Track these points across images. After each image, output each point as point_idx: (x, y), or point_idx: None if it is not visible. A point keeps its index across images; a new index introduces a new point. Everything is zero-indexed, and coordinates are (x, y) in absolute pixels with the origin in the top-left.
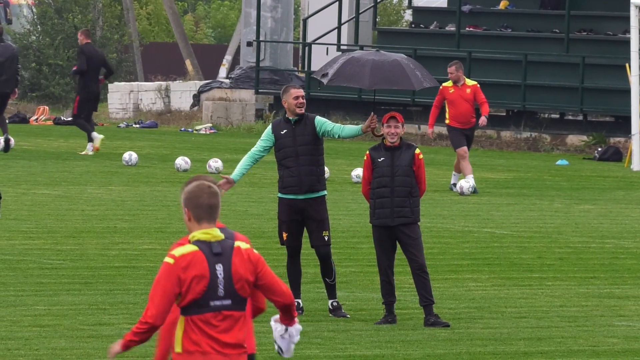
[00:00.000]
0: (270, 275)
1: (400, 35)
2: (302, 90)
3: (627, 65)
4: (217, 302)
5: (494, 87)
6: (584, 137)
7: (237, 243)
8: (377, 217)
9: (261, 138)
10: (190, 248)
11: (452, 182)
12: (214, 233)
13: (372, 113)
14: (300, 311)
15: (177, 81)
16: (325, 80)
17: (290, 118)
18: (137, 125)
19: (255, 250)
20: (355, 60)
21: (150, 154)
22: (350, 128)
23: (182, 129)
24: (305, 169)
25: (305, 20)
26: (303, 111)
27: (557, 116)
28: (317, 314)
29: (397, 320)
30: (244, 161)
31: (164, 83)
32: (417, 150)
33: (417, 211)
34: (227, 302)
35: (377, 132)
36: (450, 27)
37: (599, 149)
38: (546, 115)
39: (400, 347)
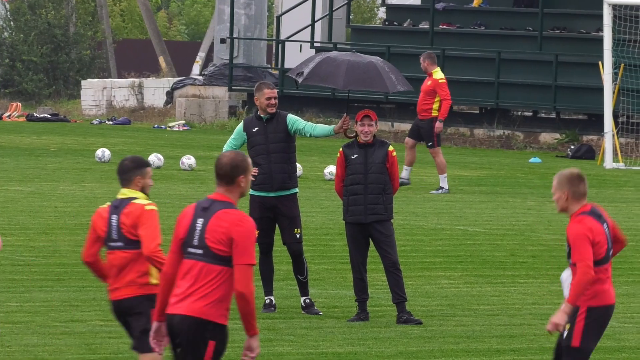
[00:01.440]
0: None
1: (373, 33)
2: (275, 91)
3: (600, 63)
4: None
5: (468, 84)
6: (557, 135)
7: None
8: (351, 214)
9: (232, 136)
10: None
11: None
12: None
13: (345, 114)
14: (272, 308)
15: (151, 78)
16: (300, 80)
17: (262, 116)
18: (110, 122)
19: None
20: (331, 60)
21: (123, 150)
22: (322, 128)
23: (155, 125)
24: (277, 166)
25: (278, 18)
26: (274, 110)
27: (530, 114)
28: (289, 311)
29: (369, 317)
30: None
31: (137, 80)
32: (391, 148)
33: (391, 208)
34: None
35: (350, 134)
36: (424, 25)
37: (572, 147)
38: (519, 113)
39: (372, 344)
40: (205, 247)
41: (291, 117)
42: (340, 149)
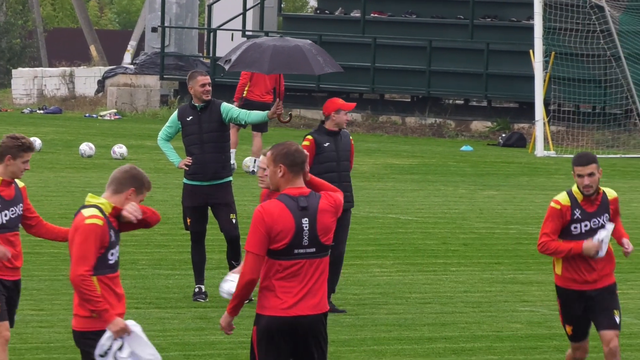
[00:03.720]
0: None
1: (305, 21)
2: (208, 77)
3: (530, 51)
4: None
5: (399, 73)
6: (488, 123)
7: None
8: None
9: (167, 124)
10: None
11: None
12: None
13: (278, 99)
14: (203, 296)
15: (82, 67)
16: (227, 67)
17: (197, 105)
18: (41, 111)
19: None
20: (257, 46)
21: (54, 139)
22: (256, 114)
23: (87, 114)
24: (211, 156)
25: (210, 6)
26: (209, 97)
27: (462, 102)
28: (221, 300)
29: None
30: (166, 146)
31: (68, 69)
32: (351, 136)
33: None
34: None
35: (284, 119)
36: (355, 13)
37: (503, 135)
38: (451, 102)
39: None
40: (318, 243)
41: (225, 106)
42: (310, 136)
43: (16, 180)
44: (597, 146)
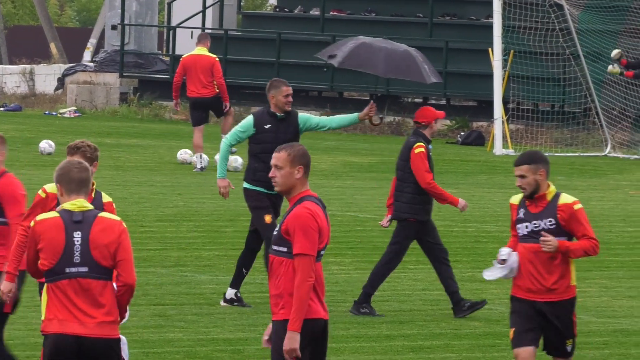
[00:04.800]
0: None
1: (264, 19)
2: (291, 88)
3: (489, 49)
4: (73, 269)
5: (358, 71)
6: (447, 122)
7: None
8: None
9: (239, 129)
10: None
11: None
12: (79, 204)
13: (372, 101)
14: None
15: (42, 64)
16: (335, 62)
17: (277, 114)
18: (1, 109)
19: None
20: (367, 46)
21: (14, 137)
22: (341, 118)
23: (47, 112)
24: None
25: (169, 4)
26: (290, 108)
27: (421, 100)
28: (180, 297)
29: (254, 304)
30: (227, 154)
31: (28, 66)
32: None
33: None
34: (84, 269)
35: (376, 122)
36: (315, 11)
37: (462, 133)
38: (410, 100)
39: (263, 330)
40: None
41: (302, 116)
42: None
43: None
44: (556, 144)
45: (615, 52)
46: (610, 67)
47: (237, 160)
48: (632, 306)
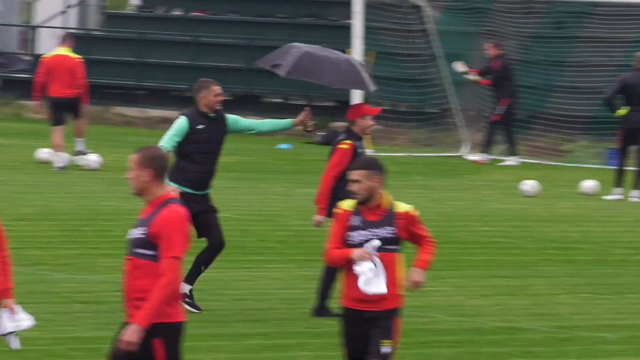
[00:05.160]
0: None
1: (127, 19)
2: (220, 88)
3: (349, 50)
4: None
5: (220, 71)
6: None
7: None
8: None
9: (173, 133)
10: None
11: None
12: None
13: (307, 108)
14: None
15: None
16: (282, 72)
17: (209, 115)
18: None
19: None
20: (311, 56)
21: None
22: (274, 123)
23: None
24: (212, 166)
25: (31, 4)
26: (220, 107)
27: (281, 100)
28: (37, 295)
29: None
30: None
31: None
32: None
33: None
34: None
35: (308, 128)
36: (178, 12)
37: (321, 133)
38: (270, 100)
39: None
40: None
41: (231, 117)
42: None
43: None
44: (414, 145)
45: (459, 66)
46: (457, 66)
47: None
48: (486, 305)
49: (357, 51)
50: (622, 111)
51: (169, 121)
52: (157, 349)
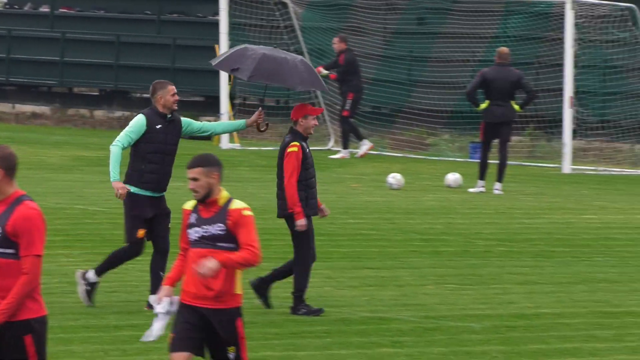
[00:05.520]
0: None
1: None
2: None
3: (216, 46)
4: None
5: (87, 67)
6: None
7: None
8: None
9: (130, 130)
10: None
11: None
12: None
13: (260, 108)
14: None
15: None
16: (243, 76)
17: (167, 115)
18: None
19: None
20: (270, 58)
21: None
22: (228, 124)
23: None
24: (169, 168)
25: None
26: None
27: (149, 96)
28: None
29: None
30: (119, 157)
31: None
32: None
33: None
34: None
35: (262, 128)
36: (45, 8)
37: None
38: (138, 95)
39: None
40: None
41: (185, 119)
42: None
43: None
44: (281, 138)
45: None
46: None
47: None
48: (353, 296)
49: (223, 47)
50: (483, 105)
51: (39, 117)
52: (28, 345)
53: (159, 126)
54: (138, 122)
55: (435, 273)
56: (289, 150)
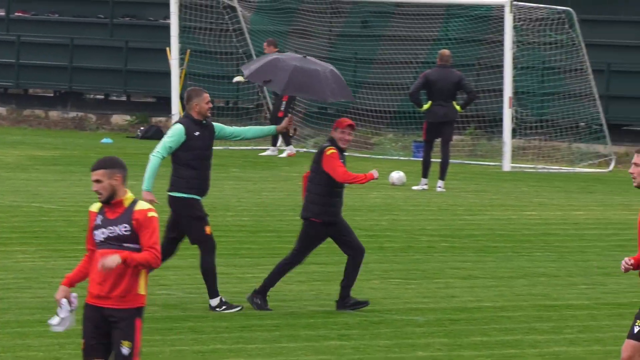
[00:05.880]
0: None
1: None
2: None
3: (167, 49)
4: None
5: (43, 69)
6: (128, 117)
7: None
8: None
9: (170, 139)
10: None
11: None
12: None
13: (290, 115)
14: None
15: None
16: (277, 89)
17: (203, 122)
18: None
19: None
20: (302, 71)
21: None
22: (258, 129)
23: None
24: (209, 172)
25: None
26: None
27: (102, 97)
28: None
29: None
30: (157, 167)
31: None
32: None
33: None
34: None
35: (291, 133)
36: (0, 12)
37: (142, 128)
38: (92, 96)
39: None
40: None
41: (217, 124)
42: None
43: None
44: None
45: (237, 78)
46: (235, 79)
47: None
48: (301, 290)
49: (174, 50)
50: (426, 106)
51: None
52: None
53: (197, 133)
54: (177, 131)
55: (380, 268)
56: (329, 152)
